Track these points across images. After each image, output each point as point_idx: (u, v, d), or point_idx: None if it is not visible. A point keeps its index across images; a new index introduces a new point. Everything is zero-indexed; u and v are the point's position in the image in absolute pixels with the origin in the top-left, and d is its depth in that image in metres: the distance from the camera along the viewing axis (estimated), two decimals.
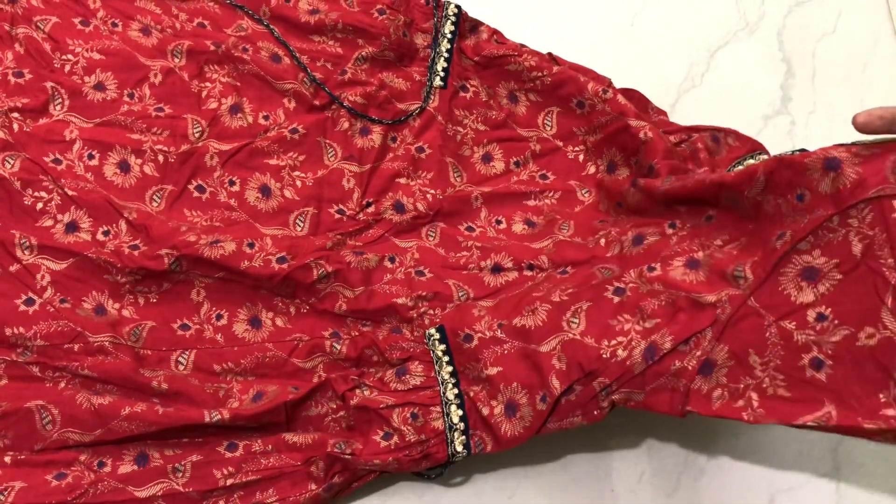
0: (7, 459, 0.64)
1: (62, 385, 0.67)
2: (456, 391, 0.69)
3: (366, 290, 0.74)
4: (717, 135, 0.81)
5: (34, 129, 0.74)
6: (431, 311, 0.73)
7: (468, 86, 0.85)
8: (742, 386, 0.62)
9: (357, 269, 0.74)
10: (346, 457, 0.67)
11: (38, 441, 0.65)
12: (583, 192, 0.82)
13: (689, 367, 0.63)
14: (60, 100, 0.76)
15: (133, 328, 0.71)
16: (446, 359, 0.71)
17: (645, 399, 0.64)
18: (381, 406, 0.68)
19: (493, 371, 0.68)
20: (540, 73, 0.83)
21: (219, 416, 0.67)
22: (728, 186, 0.66)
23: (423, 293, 0.74)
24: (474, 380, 0.69)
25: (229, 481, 0.66)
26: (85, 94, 0.76)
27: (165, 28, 0.81)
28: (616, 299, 0.68)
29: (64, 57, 0.77)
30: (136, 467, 0.66)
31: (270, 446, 0.68)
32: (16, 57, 0.76)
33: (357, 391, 0.69)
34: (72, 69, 0.77)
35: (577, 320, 0.68)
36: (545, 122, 0.84)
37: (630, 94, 0.85)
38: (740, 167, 0.76)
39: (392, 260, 0.76)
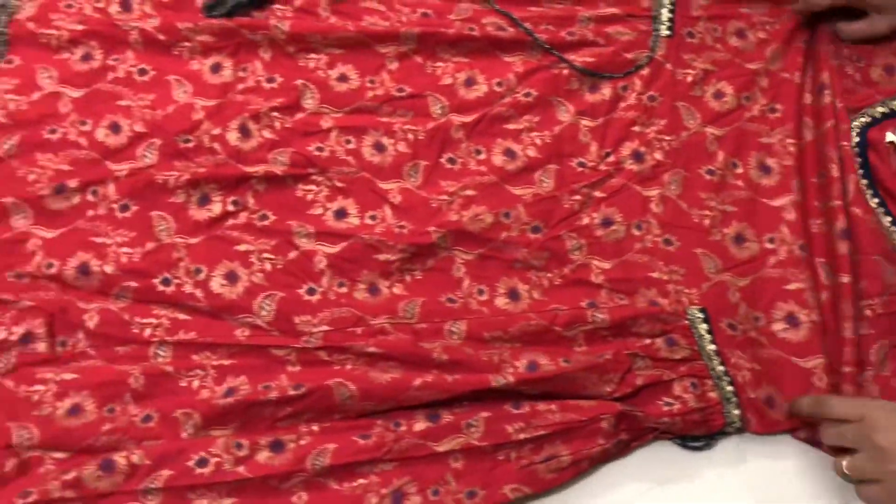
0: (315, 428, 0.69)
1: (349, 367, 0.71)
2: (722, 368, 0.72)
3: (620, 262, 0.77)
4: None
5: (294, 125, 0.79)
6: (687, 290, 0.75)
7: (694, 32, 0.85)
8: None
9: (607, 243, 0.78)
10: (638, 414, 0.70)
11: (338, 413, 0.69)
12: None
13: None
14: (311, 94, 0.80)
15: (407, 304, 0.75)
16: (709, 337, 0.73)
17: None
18: (665, 379, 0.72)
19: (756, 366, 0.73)
20: (770, 20, 0.84)
21: (504, 381, 0.69)
22: None
23: (676, 268, 0.76)
24: (736, 365, 0.73)
25: (521, 435, 0.68)
26: (332, 87, 0.81)
27: (393, 23, 0.83)
28: None
29: (308, 56, 0.81)
30: (430, 424, 0.69)
31: (555, 406, 0.70)
32: (264, 65, 0.81)
33: (637, 371, 0.72)
34: (315, 66, 0.81)
35: None
36: (771, 55, 0.84)
37: None
38: None
39: (639, 227, 0.78)
